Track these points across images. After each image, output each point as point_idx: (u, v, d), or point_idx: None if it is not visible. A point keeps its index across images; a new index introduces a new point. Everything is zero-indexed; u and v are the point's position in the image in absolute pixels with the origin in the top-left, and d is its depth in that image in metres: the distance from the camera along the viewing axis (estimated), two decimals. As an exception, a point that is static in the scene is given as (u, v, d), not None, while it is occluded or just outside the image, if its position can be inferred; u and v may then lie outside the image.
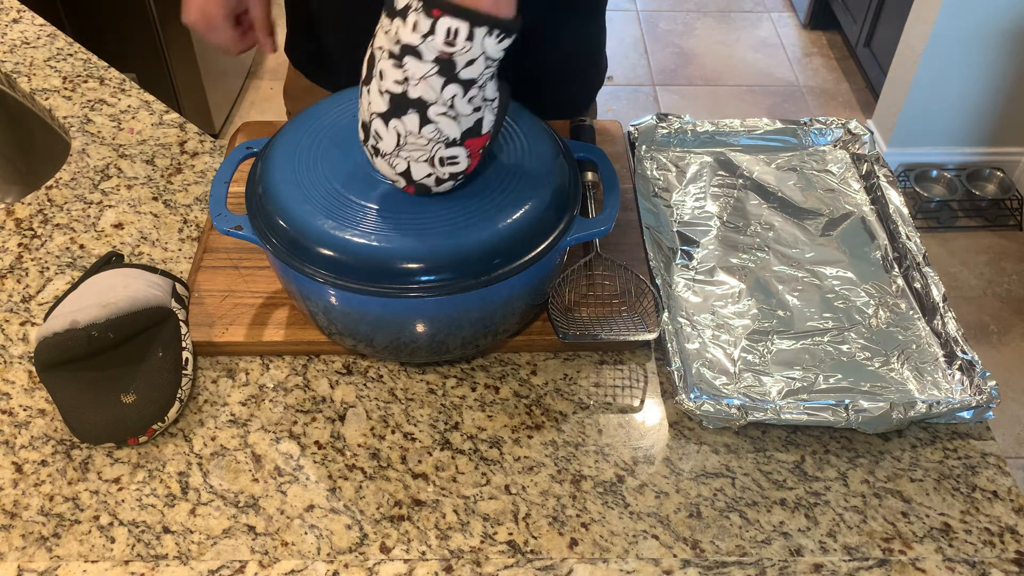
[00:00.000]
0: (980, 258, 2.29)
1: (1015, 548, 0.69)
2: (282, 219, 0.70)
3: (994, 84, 2.27)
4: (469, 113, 0.65)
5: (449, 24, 0.59)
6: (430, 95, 0.63)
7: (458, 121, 0.65)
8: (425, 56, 0.61)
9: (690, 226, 0.94)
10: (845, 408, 0.74)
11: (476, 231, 0.69)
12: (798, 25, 3.20)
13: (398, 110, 0.64)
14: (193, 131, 1.07)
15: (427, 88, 0.62)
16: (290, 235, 0.70)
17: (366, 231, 0.68)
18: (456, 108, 0.64)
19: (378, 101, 0.65)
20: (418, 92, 0.63)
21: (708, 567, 0.67)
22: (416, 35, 0.60)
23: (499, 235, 0.69)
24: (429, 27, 0.60)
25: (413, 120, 0.64)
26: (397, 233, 0.68)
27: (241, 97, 2.70)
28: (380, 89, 0.64)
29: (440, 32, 0.60)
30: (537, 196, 0.72)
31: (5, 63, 1.16)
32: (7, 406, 0.77)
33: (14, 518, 0.70)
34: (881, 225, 0.95)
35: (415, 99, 0.63)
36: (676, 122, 1.04)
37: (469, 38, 0.60)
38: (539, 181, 0.73)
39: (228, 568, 0.67)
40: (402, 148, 0.66)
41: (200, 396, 0.78)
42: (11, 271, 0.89)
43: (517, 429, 0.76)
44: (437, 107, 0.63)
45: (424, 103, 0.63)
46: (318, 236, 0.69)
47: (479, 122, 0.66)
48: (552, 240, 0.72)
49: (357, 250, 0.68)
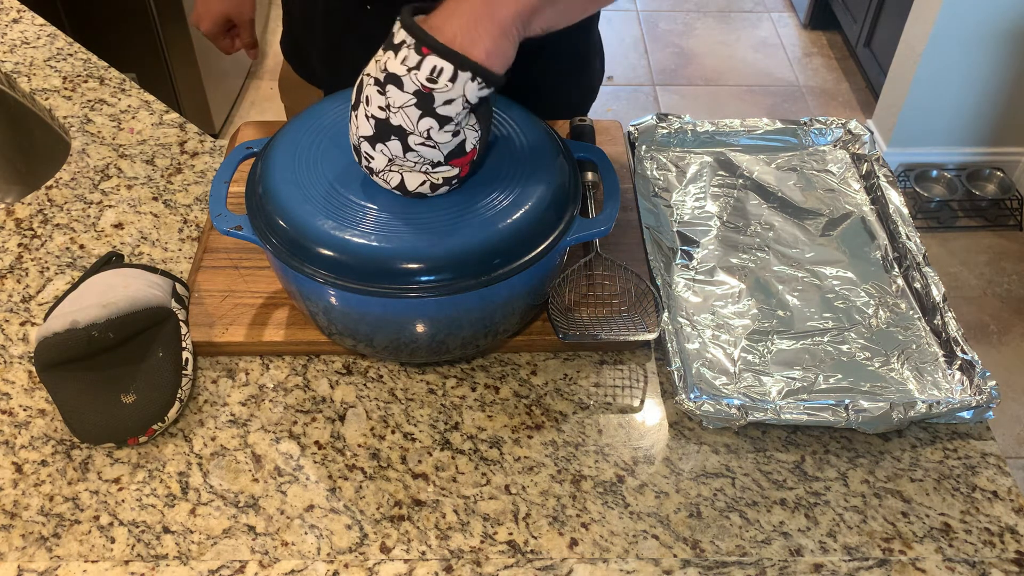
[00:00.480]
0: (980, 258, 2.29)
1: (1015, 548, 0.69)
2: (282, 219, 0.70)
3: (994, 84, 2.27)
4: (448, 140, 0.66)
5: (435, 63, 0.61)
6: (408, 125, 0.64)
7: (438, 148, 0.66)
8: (406, 87, 0.62)
9: (690, 226, 0.94)
10: (845, 408, 0.74)
11: (476, 231, 0.69)
12: (798, 25, 3.20)
13: (382, 135, 0.66)
14: (193, 131, 1.07)
15: (404, 118, 0.64)
16: (290, 235, 0.70)
17: (366, 231, 0.68)
18: (434, 139, 0.65)
19: (365, 125, 0.66)
20: (398, 120, 0.64)
21: (708, 567, 0.67)
22: (402, 67, 0.62)
23: (499, 235, 0.69)
24: (416, 63, 0.61)
25: (396, 146, 0.66)
26: (397, 233, 0.68)
27: (241, 97, 2.70)
28: (367, 114, 0.66)
29: (425, 68, 0.61)
30: (537, 196, 0.72)
31: (5, 63, 1.16)
32: (7, 406, 0.77)
33: (14, 518, 0.70)
34: (881, 225, 0.95)
35: (396, 126, 0.65)
36: (676, 122, 1.04)
37: (452, 79, 0.61)
38: (539, 181, 0.73)
39: (228, 568, 0.67)
40: (392, 164, 0.68)
41: (200, 396, 0.78)
42: (11, 271, 0.89)
43: (517, 429, 0.76)
44: (415, 137, 0.65)
45: (404, 131, 0.65)
46: (318, 236, 0.69)
47: (461, 144, 0.67)
48: (552, 240, 0.72)
49: (357, 250, 0.68)
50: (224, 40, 1.14)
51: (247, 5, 1.11)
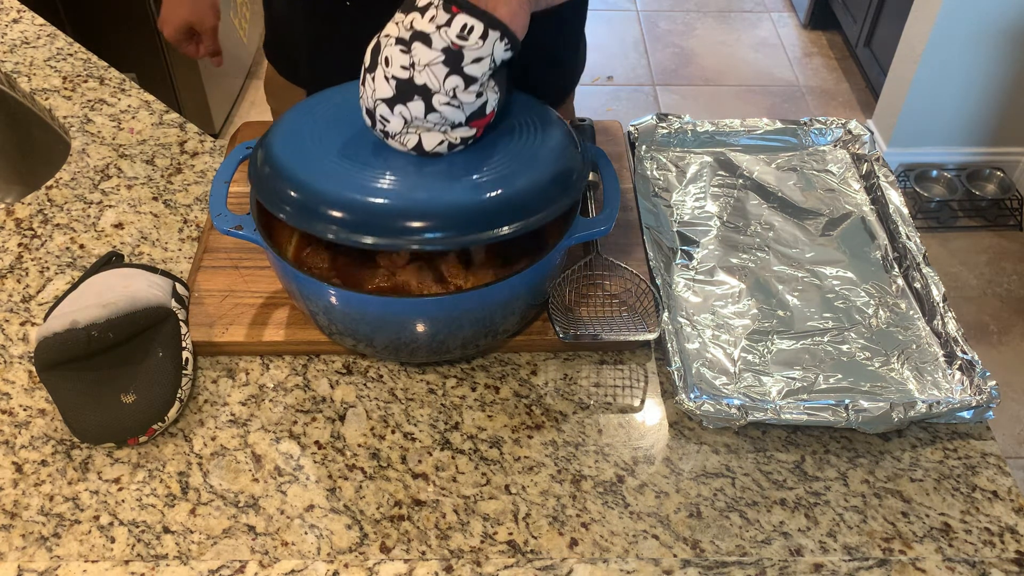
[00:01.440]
0: (980, 258, 2.29)
1: (1015, 548, 0.69)
2: (290, 183, 0.69)
3: (994, 84, 2.27)
4: (472, 101, 0.67)
5: (465, 20, 0.63)
6: (434, 83, 0.65)
7: (462, 108, 0.67)
8: (434, 44, 0.64)
9: (690, 226, 0.94)
10: (845, 408, 0.74)
11: (487, 185, 0.69)
12: (798, 25, 3.20)
13: (404, 95, 0.66)
14: (193, 131, 1.07)
15: (431, 76, 0.65)
16: (299, 200, 0.68)
17: (374, 186, 0.68)
18: (459, 98, 0.66)
19: (383, 87, 0.66)
20: (423, 79, 0.65)
21: (708, 567, 0.67)
22: (431, 24, 0.63)
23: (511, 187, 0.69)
24: (446, 20, 0.63)
25: (419, 106, 0.66)
26: (405, 187, 0.69)
27: (241, 97, 2.70)
28: (386, 75, 0.66)
29: (456, 25, 0.63)
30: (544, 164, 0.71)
31: (5, 63, 1.16)
32: (7, 406, 0.77)
33: (14, 518, 0.70)
34: (881, 225, 0.95)
35: (420, 85, 0.65)
36: (676, 122, 1.04)
37: (483, 37, 0.63)
38: (546, 157, 0.72)
39: (228, 568, 0.67)
40: (409, 127, 0.68)
41: (200, 396, 0.78)
42: (11, 271, 0.89)
43: (517, 429, 0.76)
44: (440, 96, 0.65)
45: (428, 91, 0.65)
46: (327, 194, 0.68)
47: (483, 106, 0.68)
48: (555, 200, 0.71)
49: (365, 205, 0.67)
50: (188, 46, 1.14)
51: (210, 13, 1.11)
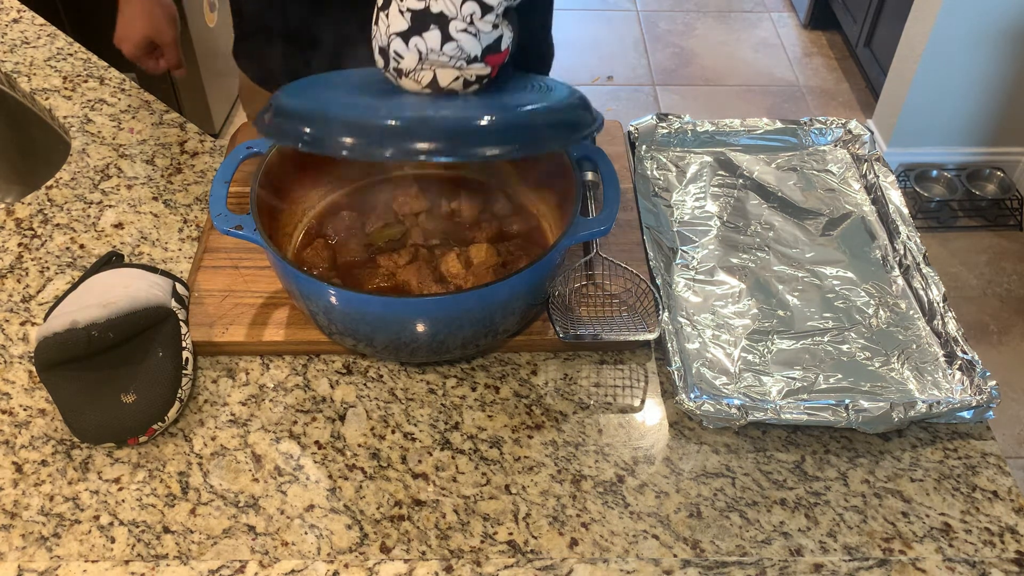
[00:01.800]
0: (980, 258, 2.29)
1: (1015, 548, 0.69)
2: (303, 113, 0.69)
3: (994, 84, 2.27)
4: (488, 31, 0.68)
5: None
6: (451, 9, 0.66)
7: (479, 38, 0.67)
8: None
9: (690, 226, 0.94)
10: (845, 408, 0.74)
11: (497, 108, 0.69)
12: (798, 25, 3.20)
13: (420, 26, 0.67)
14: (193, 131, 1.07)
15: (447, 2, 0.65)
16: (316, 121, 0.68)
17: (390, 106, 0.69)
18: (476, 25, 0.67)
19: (398, 20, 0.67)
20: (439, 7, 0.66)
21: (708, 567, 0.67)
22: None
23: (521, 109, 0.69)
24: None
25: (435, 36, 0.67)
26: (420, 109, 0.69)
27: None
28: (400, 9, 0.67)
29: None
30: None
31: (5, 63, 1.16)
32: (7, 406, 0.77)
33: (14, 518, 0.70)
34: (881, 225, 0.95)
35: (436, 14, 0.66)
36: (676, 122, 1.04)
37: None
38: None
39: (228, 568, 0.67)
40: (424, 62, 0.69)
41: (200, 396, 0.78)
42: (11, 271, 0.89)
43: (517, 429, 0.76)
44: (457, 23, 0.66)
45: (445, 18, 0.66)
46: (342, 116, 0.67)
47: (498, 40, 0.69)
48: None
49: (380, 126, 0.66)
50: (149, 61, 1.12)
51: (169, 26, 1.10)
